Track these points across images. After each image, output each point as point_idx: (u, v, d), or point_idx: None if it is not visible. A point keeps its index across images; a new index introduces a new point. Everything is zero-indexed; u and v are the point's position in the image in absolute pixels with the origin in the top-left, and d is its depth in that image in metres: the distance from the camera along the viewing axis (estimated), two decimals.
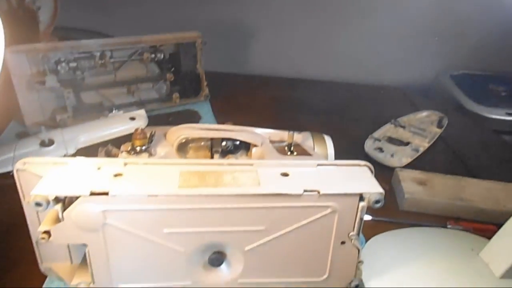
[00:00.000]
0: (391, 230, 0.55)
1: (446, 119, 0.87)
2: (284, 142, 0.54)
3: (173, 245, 0.38)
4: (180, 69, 0.85)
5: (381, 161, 0.71)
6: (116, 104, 0.79)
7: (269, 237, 0.39)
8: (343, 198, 0.38)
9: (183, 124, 0.55)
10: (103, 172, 0.38)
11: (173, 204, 0.36)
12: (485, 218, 0.59)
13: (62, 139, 0.64)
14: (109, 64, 0.77)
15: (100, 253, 0.37)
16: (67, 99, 0.72)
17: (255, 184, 0.37)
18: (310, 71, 1.16)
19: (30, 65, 0.69)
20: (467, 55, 1.19)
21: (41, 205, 0.34)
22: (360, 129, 0.81)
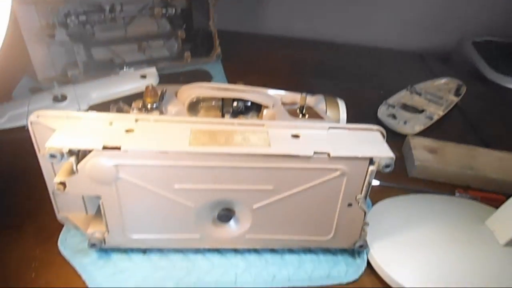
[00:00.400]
0: (398, 196, 0.56)
1: (464, 87, 0.84)
2: (296, 105, 0.53)
3: (183, 200, 0.39)
4: (192, 27, 0.83)
5: (393, 128, 0.70)
6: (127, 62, 0.78)
7: (277, 197, 0.40)
8: (353, 161, 0.38)
9: (194, 83, 0.55)
10: (115, 127, 0.38)
11: (183, 161, 0.36)
12: (495, 188, 0.58)
13: (74, 95, 0.64)
14: (119, 19, 0.75)
15: (113, 205, 0.39)
16: (77, 54, 0.72)
17: (265, 145, 0.37)
18: (327, 33, 1.11)
19: (39, 18, 0.68)
20: (492, 21, 1.12)
21: (55, 157, 0.35)
22: (375, 94, 0.79)
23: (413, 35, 1.13)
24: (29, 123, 0.38)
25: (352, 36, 1.12)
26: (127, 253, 0.44)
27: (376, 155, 0.37)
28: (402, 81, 0.83)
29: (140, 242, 0.42)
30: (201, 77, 0.83)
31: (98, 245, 0.41)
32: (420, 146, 0.63)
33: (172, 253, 0.45)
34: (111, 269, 0.42)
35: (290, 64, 0.94)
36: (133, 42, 0.80)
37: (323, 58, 0.99)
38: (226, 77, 0.84)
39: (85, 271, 0.42)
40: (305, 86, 0.55)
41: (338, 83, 0.87)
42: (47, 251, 0.44)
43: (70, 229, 0.46)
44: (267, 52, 0.99)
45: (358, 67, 0.96)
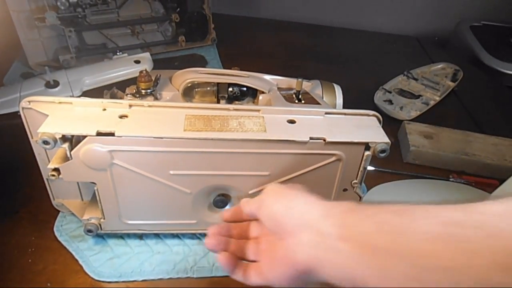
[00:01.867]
0: (393, 181, 0.56)
1: (461, 72, 0.83)
2: (293, 90, 0.53)
3: (179, 186, 0.39)
4: (186, 10, 0.81)
5: (389, 113, 0.70)
6: (120, 46, 0.77)
7: (273, 182, 0.40)
8: (349, 146, 0.38)
9: (189, 68, 0.54)
10: (108, 113, 0.37)
11: (178, 147, 0.36)
12: (489, 173, 0.59)
13: (67, 81, 0.63)
14: (111, 1, 0.74)
15: (108, 191, 0.39)
16: (69, 39, 0.70)
17: (261, 130, 0.37)
18: (324, 17, 1.09)
19: (29, 0, 0.66)
20: (490, 5, 1.11)
21: (48, 143, 0.34)
22: (372, 79, 0.79)
23: (410, 20, 1.12)
24: (21, 109, 0.37)
25: (349, 20, 1.10)
26: (123, 238, 0.44)
27: (371, 141, 0.37)
28: (398, 66, 0.82)
29: (136, 227, 0.42)
30: (196, 62, 0.81)
31: (95, 231, 0.41)
32: (415, 131, 0.63)
33: (168, 238, 0.45)
34: (108, 254, 0.43)
35: (286, 48, 0.93)
36: (126, 26, 0.78)
37: (319, 42, 0.98)
38: (221, 62, 0.82)
39: (82, 257, 0.42)
40: (301, 71, 0.55)
41: (335, 68, 0.86)
42: (43, 237, 0.44)
43: (66, 216, 0.46)
44: (263, 36, 0.98)
45: (354, 52, 0.95)
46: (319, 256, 0.25)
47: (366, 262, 0.23)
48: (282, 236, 0.27)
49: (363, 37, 1.04)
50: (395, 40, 1.03)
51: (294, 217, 0.27)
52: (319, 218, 0.26)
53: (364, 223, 0.24)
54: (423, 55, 0.96)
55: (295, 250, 0.26)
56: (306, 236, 0.26)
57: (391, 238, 0.23)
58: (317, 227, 0.26)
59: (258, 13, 1.10)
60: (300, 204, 0.28)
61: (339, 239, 0.24)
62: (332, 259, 0.25)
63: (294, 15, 1.09)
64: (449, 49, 1.08)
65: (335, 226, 0.25)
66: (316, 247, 0.25)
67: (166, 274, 0.42)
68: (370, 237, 0.24)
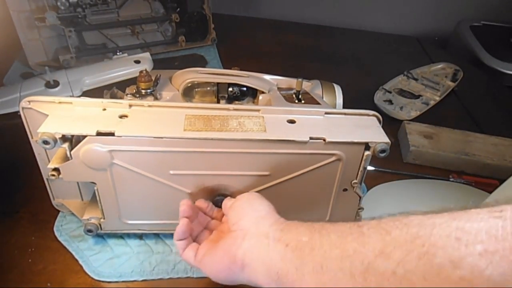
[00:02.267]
0: (393, 181, 0.56)
1: (461, 72, 0.83)
2: (292, 90, 0.53)
3: (179, 186, 0.39)
4: (186, 10, 0.81)
5: (389, 113, 0.70)
6: (120, 46, 0.77)
7: (272, 182, 0.40)
8: (348, 146, 0.38)
9: (189, 68, 0.54)
10: (108, 113, 0.37)
11: (178, 147, 0.36)
12: (489, 173, 0.59)
13: (67, 81, 0.63)
14: (111, 1, 0.74)
15: (108, 191, 0.39)
16: (68, 38, 0.70)
17: (261, 130, 0.37)
18: (324, 17, 1.09)
19: (29, 0, 0.66)
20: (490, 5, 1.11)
21: (48, 143, 0.34)
22: (372, 79, 0.79)
23: (410, 20, 1.12)
24: (21, 109, 0.37)
25: (349, 20, 1.10)
26: (123, 238, 0.44)
27: (371, 140, 0.37)
28: (398, 66, 0.82)
29: (136, 227, 0.42)
30: (196, 62, 0.81)
31: (94, 231, 0.41)
32: (415, 131, 0.63)
33: (168, 238, 0.45)
34: (108, 254, 0.43)
35: (286, 48, 0.93)
36: (126, 26, 0.78)
37: (319, 42, 0.98)
38: (221, 62, 0.82)
39: (82, 256, 0.42)
40: (301, 71, 0.55)
41: (335, 68, 0.86)
42: (43, 237, 0.44)
43: (66, 215, 0.46)
44: (263, 36, 0.98)
45: (354, 52, 0.95)
46: (255, 254, 0.29)
47: (289, 257, 0.27)
48: (234, 228, 0.32)
49: (363, 37, 1.04)
50: (395, 40, 1.03)
51: (252, 217, 0.32)
52: (269, 225, 0.30)
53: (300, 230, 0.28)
54: (423, 55, 0.96)
55: (239, 244, 0.30)
56: (252, 236, 0.30)
57: (310, 237, 0.27)
58: (264, 231, 0.30)
59: (258, 13, 1.10)
60: (261, 211, 0.32)
61: (276, 241, 0.29)
62: (264, 256, 0.28)
63: (294, 15, 1.09)
64: (449, 49, 1.08)
65: (277, 230, 0.29)
66: (256, 246, 0.29)
67: (166, 274, 0.42)
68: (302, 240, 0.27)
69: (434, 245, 0.20)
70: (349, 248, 0.24)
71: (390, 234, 0.23)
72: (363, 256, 0.23)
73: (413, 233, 0.21)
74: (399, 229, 0.22)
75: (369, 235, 0.24)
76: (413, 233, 0.22)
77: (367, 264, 0.22)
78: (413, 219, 0.23)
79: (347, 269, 0.23)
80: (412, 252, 0.21)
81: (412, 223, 0.22)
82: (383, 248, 0.22)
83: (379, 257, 0.22)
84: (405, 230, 0.22)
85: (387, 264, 0.21)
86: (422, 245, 0.21)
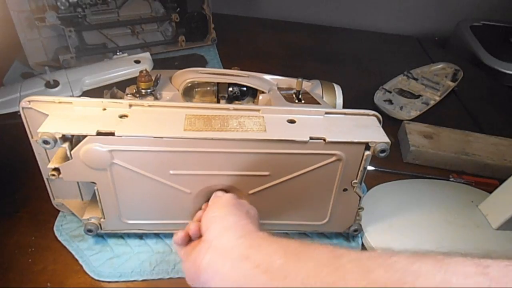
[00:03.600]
0: (393, 181, 0.56)
1: (461, 72, 0.83)
2: (293, 90, 0.53)
3: (179, 186, 0.39)
4: (186, 10, 0.81)
5: (389, 113, 0.70)
6: (120, 46, 0.77)
7: (273, 182, 0.40)
8: (349, 146, 0.38)
9: (189, 68, 0.54)
10: (108, 113, 0.37)
11: (178, 146, 0.36)
12: (489, 173, 0.59)
13: (67, 80, 0.63)
14: (111, 1, 0.74)
15: (108, 191, 0.39)
16: (68, 38, 0.70)
17: (261, 130, 0.37)
18: (324, 17, 1.10)
19: (29, 0, 0.66)
20: (490, 4, 1.10)
21: (48, 143, 0.34)
22: (372, 79, 0.79)
23: (410, 20, 1.12)
24: (21, 108, 0.37)
25: (349, 20, 1.10)
26: (123, 238, 0.44)
27: (371, 140, 0.37)
28: (398, 66, 0.82)
29: (136, 227, 0.42)
30: (196, 62, 0.81)
31: (95, 231, 0.41)
32: (415, 131, 0.63)
33: (168, 238, 0.45)
34: (108, 253, 0.43)
35: (286, 48, 0.93)
36: (126, 26, 0.78)
37: (319, 42, 0.98)
38: (221, 62, 0.82)
39: (82, 256, 0.42)
40: (301, 71, 0.55)
41: (335, 68, 0.86)
42: (43, 237, 0.44)
43: (66, 215, 0.46)
44: (263, 36, 0.98)
45: (354, 52, 0.95)
46: (216, 270, 0.27)
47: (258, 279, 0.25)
48: (203, 238, 0.30)
49: (363, 37, 1.04)
50: (395, 40, 1.03)
51: (218, 227, 0.30)
52: (235, 238, 0.28)
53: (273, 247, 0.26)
54: (423, 55, 0.96)
55: (201, 258, 0.29)
56: (214, 250, 0.28)
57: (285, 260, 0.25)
58: (227, 246, 0.28)
59: (258, 13, 1.10)
60: (228, 220, 0.30)
61: (243, 259, 0.26)
62: (226, 274, 0.26)
63: (294, 15, 1.09)
64: (449, 49, 1.08)
65: (245, 246, 0.27)
66: (217, 262, 0.27)
67: (166, 274, 0.42)
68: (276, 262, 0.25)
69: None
70: (327, 281, 0.22)
71: (372, 273, 0.21)
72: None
73: (397, 279, 0.20)
74: (383, 270, 0.21)
75: (349, 271, 0.22)
76: (396, 279, 0.20)
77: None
78: (396, 260, 0.21)
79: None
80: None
81: (394, 265, 0.21)
82: None
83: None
84: (389, 273, 0.21)
85: None
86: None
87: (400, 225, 0.47)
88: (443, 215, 0.49)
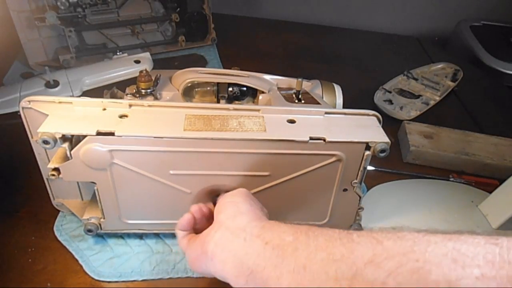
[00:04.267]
0: (393, 181, 0.56)
1: (461, 72, 0.83)
2: (292, 90, 0.53)
3: (179, 186, 0.39)
4: (186, 10, 0.81)
5: (389, 113, 0.70)
6: (120, 46, 0.77)
7: (273, 183, 0.40)
8: (349, 147, 0.38)
9: (189, 68, 0.54)
10: (108, 113, 0.37)
11: (178, 146, 0.36)
12: (489, 173, 0.59)
13: (67, 80, 0.63)
14: (111, 1, 0.74)
15: (108, 191, 0.39)
16: (69, 38, 0.70)
17: (261, 130, 0.37)
18: (324, 17, 1.10)
19: (29, 0, 0.66)
20: (490, 4, 1.10)
21: (48, 143, 0.34)
22: (372, 79, 0.79)
23: (410, 20, 1.12)
24: (21, 108, 0.37)
25: (349, 20, 1.10)
26: (123, 238, 0.44)
27: (371, 140, 0.37)
28: (398, 66, 0.82)
29: (136, 227, 0.42)
30: (196, 62, 0.81)
31: (94, 231, 0.41)
32: (415, 131, 0.63)
33: (168, 238, 0.45)
34: (108, 253, 0.43)
35: (286, 48, 0.93)
36: (126, 26, 0.78)
37: (319, 42, 0.98)
38: (221, 62, 0.82)
39: (82, 256, 0.42)
40: (301, 71, 0.55)
41: (335, 68, 0.86)
42: (43, 237, 0.44)
43: (66, 215, 0.46)
44: (263, 36, 0.98)
45: (354, 52, 0.95)
46: (227, 246, 0.28)
47: (268, 254, 0.26)
48: (216, 221, 0.31)
49: (363, 37, 1.04)
50: (395, 40, 1.03)
51: (231, 211, 0.31)
52: (248, 221, 0.29)
53: (284, 229, 0.27)
54: (423, 55, 0.96)
55: (212, 235, 0.30)
56: (226, 228, 0.29)
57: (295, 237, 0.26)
58: (240, 225, 0.29)
59: (258, 13, 1.10)
60: (242, 207, 0.31)
61: (254, 237, 0.27)
62: (237, 250, 0.27)
63: (294, 15, 1.09)
64: (449, 49, 1.08)
65: (257, 227, 0.28)
66: (229, 239, 0.28)
67: (166, 274, 0.42)
68: (286, 239, 0.26)
69: (429, 262, 0.20)
70: (336, 252, 0.23)
71: (382, 244, 0.22)
72: (351, 262, 0.22)
73: (407, 247, 0.21)
74: (392, 240, 0.22)
75: (359, 242, 0.23)
76: (406, 246, 0.21)
77: (355, 271, 0.21)
78: (406, 233, 0.22)
79: (332, 273, 0.22)
80: (405, 265, 0.20)
81: (405, 237, 0.22)
82: (373, 257, 0.21)
83: (368, 265, 0.21)
84: (398, 243, 0.21)
85: (376, 274, 0.21)
86: (416, 260, 0.20)
87: (400, 225, 0.47)
88: (443, 215, 0.49)
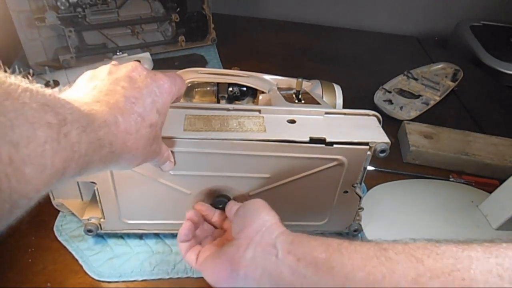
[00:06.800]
0: (393, 181, 0.56)
1: (461, 72, 0.83)
2: (292, 90, 0.53)
3: (179, 187, 0.39)
4: (186, 10, 0.81)
5: (389, 113, 0.70)
6: (120, 46, 0.77)
7: (273, 184, 0.40)
8: (350, 150, 0.37)
9: (189, 68, 0.54)
10: None
11: (178, 147, 0.36)
12: (489, 173, 0.59)
13: (67, 81, 0.63)
14: (111, 1, 0.74)
15: (108, 191, 0.39)
16: (68, 38, 0.70)
17: (261, 130, 0.37)
18: (324, 17, 1.09)
19: (29, 0, 0.66)
20: (490, 4, 1.10)
21: None
22: (372, 79, 0.79)
23: (410, 20, 1.12)
24: None
25: (349, 20, 1.10)
26: (123, 238, 0.44)
27: (371, 140, 0.37)
28: (398, 66, 0.82)
29: (136, 227, 0.42)
30: (196, 62, 0.81)
31: (94, 231, 0.41)
32: (415, 131, 0.63)
33: (168, 238, 0.45)
34: (108, 254, 0.43)
35: (286, 48, 0.93)
36: (126, 26, 0.78)
37: (319, 42, 0.98)
38: (221, 62, 0.82)
39: (82, 256, 0.42)
40: (301, 71, 0.55)
41: (335, 68, 0.86)
42: (43, 237, 0.44)
43: (66, 215, 0.46)
44: (263, 36, 0.98)
45: (354, 52, 0.95)
46: (260, 264, 0.27)
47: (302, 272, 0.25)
48: (238, 237, 0.30)
49: (363, 37, 1.04)
50: (395, 40, 1.03)
51: (258, 225, 0.30)
52: (276, 236, 0.28)
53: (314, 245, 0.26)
54: (423, 55, 0.96)
55: (242, 253, 0.28)
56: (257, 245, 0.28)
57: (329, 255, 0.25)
58: (270, 241, 0.28)
59: (258, 13, 1.10)
60: (267, 220, 0.30)
61: (286, 253, 0.27)
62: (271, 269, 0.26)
63: (294, 15, 1.09)
64: (449, 49, 1.08)
65: (286, 242, 0.27)
66: (261, 257, 0.27)
67: (166, 274, 0.42)
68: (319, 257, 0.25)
69: (476, 280, 0.19)
70: (377, 273, 0.22)
71: (423, 263, 0.21)
72: (394, 283, 0.21)
73: (449, 265, 0.20)
74: (432, 259, 0.21)
75: (398, 261, 0.22)
76: (449, 265, 0.20)
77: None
78: (444, 249, 0.21)
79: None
80: (452, 285, 0.19)
81: (445, 254, 0.21)
82: (417, 277, 0.20)
83: (413, 286, 0.20)
84: (440, 261, 0.21)
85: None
86: (462, 279, 0.19)
87: (400, 225, 0.47)
88: (443, 216, 0.49)
